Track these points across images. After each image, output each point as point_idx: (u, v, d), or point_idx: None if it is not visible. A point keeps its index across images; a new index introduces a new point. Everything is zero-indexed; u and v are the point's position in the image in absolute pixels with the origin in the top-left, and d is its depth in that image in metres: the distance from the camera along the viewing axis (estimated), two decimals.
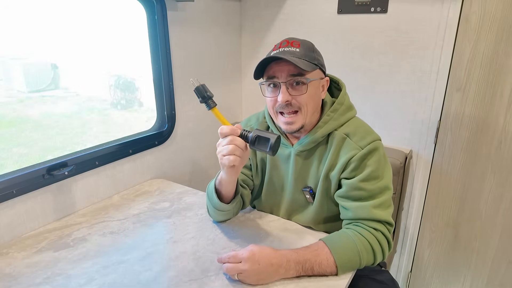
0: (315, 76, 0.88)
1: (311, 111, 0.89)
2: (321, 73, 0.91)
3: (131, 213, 1.13)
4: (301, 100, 0.87)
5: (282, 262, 0.78)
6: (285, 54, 0.85)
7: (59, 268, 0.86)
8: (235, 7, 1.70)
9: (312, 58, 0.87)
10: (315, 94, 0.90)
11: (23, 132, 4.23)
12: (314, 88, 0.89)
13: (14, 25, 4.56)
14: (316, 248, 0.82)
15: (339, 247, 0.82)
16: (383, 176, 0.89)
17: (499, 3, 1.20)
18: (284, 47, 0.87)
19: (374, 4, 1.39)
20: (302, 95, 0.86)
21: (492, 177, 1.36)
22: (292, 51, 0.86)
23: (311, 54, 0.88)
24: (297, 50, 0.86)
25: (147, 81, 4.81)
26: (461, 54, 1.30)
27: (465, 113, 1.36)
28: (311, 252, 0.81)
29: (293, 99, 0.87)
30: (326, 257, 0.80)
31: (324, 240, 0.84)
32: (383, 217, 0.87)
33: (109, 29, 5.01)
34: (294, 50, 0.86)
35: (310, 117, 0.90)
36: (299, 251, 0.81)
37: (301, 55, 0.86)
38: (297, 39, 0.89)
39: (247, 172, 1.09)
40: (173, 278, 0.82)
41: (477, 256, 1.48)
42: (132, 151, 1.30)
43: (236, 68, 1.78)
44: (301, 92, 0.86)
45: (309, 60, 0.86)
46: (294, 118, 0.89)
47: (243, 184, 1.06)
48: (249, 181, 1.09)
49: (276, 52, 0.87)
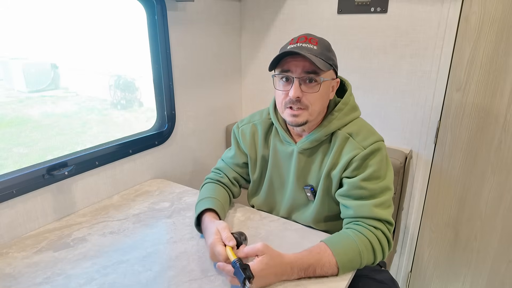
0: (328, 76, 0.88)
1: (317, 110, 0.90)
2: (333, 74, 0.91)
3: (131, 213, 1.13)
4: (311, 98, 0.87)
5: (287, 270, 0.78)
6: (302, 50, 0.84)
7: (59, 268, 0.86)
8: (235, 7, 1.70)
9: (328, 58, 0.87)
10: (325, 94, 0.90)
11: (23, 132, 4.23)
12: (326, 88, 0.89)
13: (14, 25, 4.57)
14: (319, 251, 0.81)
15: (340, 248, 0.82)
16: (385, 177, 0.89)
17: (499, 3, 1.20)
18: (302, 43, 0.87)
19: (374, 4, 1.39)
20: (314, 94, 0.86)
21: (492, 177, 1.36)
22: (310, 48, 0.85)
23: (327, 53, 0.88)
24: (315, 47, 0.86)
25: (147, 81, 4.82)
26: (461, 54, 1.30)
27: (465, 113, 1.36)
28: (314, 256, 0.80)
29: (304, 96, 0.86)
30: (329, 259, 0.80)
31: (326, 241, 0.84)
32: (384, 216, 0.87)
33: (109, 29, 5.02)
34: (311, 47, 0.86)
35: (316, 116, 0.91)
36: (304, 256, 0.80)
37: (318, 53, 0.85)
38: (315, 36, 0.89)
39: (239, 170, 1.11)
40: (173, 278, 0.82)
41: (477, 256, 1.48)
42: (132, 151, 1.30)
43: (236, 68, 1.78)
44: (313, 90, 0.86)
45: (325, 60, 0.86)
46: (300, 112, 0.88)
47: (234, 182, 1.10)
48: (241, 179, 1.12)
49: (293, 46, 0.87)
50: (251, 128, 1.07)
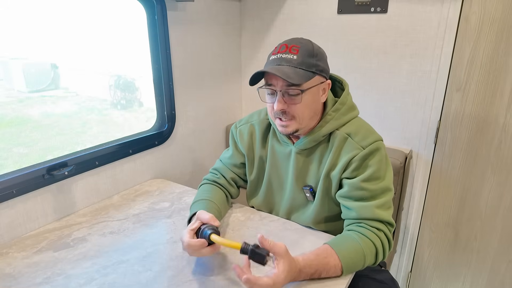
0: (312, 84, 0.86)
1: (307, 117, 0.89)
2: (321, 78, 0.89)
3: (131, 213, 1.13)
4: (295, 109, 0.86)
5: (296, 276, 0.76)
6: (281, 62, 0.84)
7: (59, 268, 0.86)
8: (235, 7, 1.70)
9: (310, 65, 0.85)
10: (312, 101, 0.88)
11: (23, 132, 4.23)
12: (311, 96, 0.87)
13: (14, 25, 4.57)
14: (326, 256, 0.80)
15: (346, 251, 0.81)
16: (384, 177, 0.89)
17: (499, 3, 1.20)
18: (282, 53, 0.86)
19: (374, 4, 1.39)
20: (297, 105, 0.86)
21: (492, 177, 1.36)
22: (289, 59, 0.84)
23: (310, 60, 0.85)
24: (294, 57, 0.84)
25: (147, 81, 4.82)
26: (461, 54, 1.30)
27: (465, 113, 1.36)
28: (321, 261, 0.79)
29: (288, 108, 0.86)
30: (335, 263, 0.79)
31: (332, 245, 0.82)
32: (386, 217, 0.87)
33: (109, 29, 5.02)
34: (291, 57, 0.84)
35: (306, 123, 0.90)
36: (312, 262, 0.78)
37: (298, 63, 0.84)
38: (296, 43, 0.87)
39: (237, 170, 1.10)
40: (173, 278, 0.82)
41: (477, 256, 1.48)
42: (132, 151, 1.30)
43: (236, 68, 1.78)
44: (295, 101, 0.86)
45: (306, 68, 0.84)
46: (288, 123, 0.89)
47: (231, 182, 1.10)
48: (239, 180, 1.12)
49: (273, 58, 0.86)
50: (249, 128, 1.07)
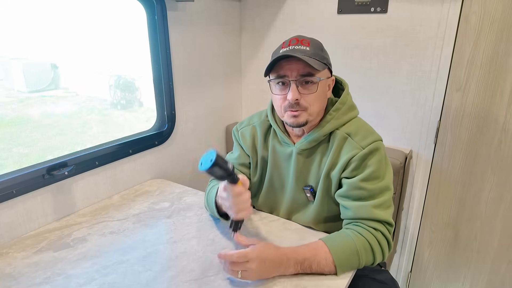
0: (324, 76, 0.89)
1: (317, 110, 0.90)
2: (328, 73, 0.92)
3: (131, 213, 1.13)
4: (309, 99, 0.87)
5: (283, 260, 0.79)
6: (295, 52, 0.84)
7: (59, 268, 0.86)
8: (235, 7, 1.70)
9: (322, 57, 0.87)
10: (323, 93, 0.90)
11: (23, 132, 4.23)
12: (323, 87, 0.89)
13: (14, 25, 4.56)
14: (315, 247, 0.82)
15: (337, 246, 0.82)
16: (384, 177, 0.89)
17: (499, 3, 1.20)
18: (294, 45, 0.87)
19: (374, 4, 1.39)
20: (311, 94, 0.87)
21: (492, 177, 1.36)
22: (303, 50, 0.85)
23: (321, 53, 0.88)
24: (307, 48, 0.86)
25: (147, 81, 4.81)
26: (461, 54, 1.30)
27: (465, 113, 1.36)
28: (310, 251, 0.81)
29: (302, 98, 0.87)
30: (325, 256, 0.81)
31: (323, 239, 0.85)
32: (383, 217, 0.87)
33: (109, 29, 5.02)
34: (304, 48, 0.86)
35: (315, 116, 0.91)
36: (299, 249, 0.82)
37: (311, 53, 0.85)
38: (306, 37, 0.89)
39: (245, 170, 1.10)
40: (173, 278, 0.82)
41: (477, 256, 1.48)
42: (132, 151, 1.30)
43: (236, 68, 1.78)
44: (311, 91, 0.87)
45: (319, 59, 0.86)
46: (300, 113, 0.89)
47: None
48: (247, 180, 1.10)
49: (286, 49, 0.87)
50: (251, 130, 1.07)
